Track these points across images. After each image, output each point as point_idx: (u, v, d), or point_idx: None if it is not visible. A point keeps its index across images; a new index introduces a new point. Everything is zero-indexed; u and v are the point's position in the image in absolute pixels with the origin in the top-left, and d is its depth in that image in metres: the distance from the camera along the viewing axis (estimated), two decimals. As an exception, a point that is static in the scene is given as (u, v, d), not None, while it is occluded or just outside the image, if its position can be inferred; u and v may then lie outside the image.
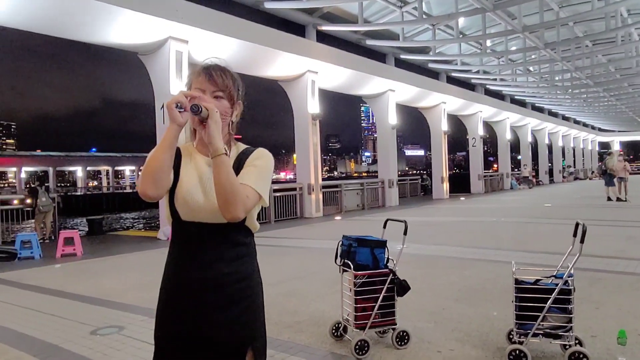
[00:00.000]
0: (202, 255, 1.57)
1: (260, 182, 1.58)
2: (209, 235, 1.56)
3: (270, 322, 4.42)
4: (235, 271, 1.59)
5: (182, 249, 1.59)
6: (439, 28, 17.12)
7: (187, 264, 1.58)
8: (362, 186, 18.79)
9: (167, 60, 11.29)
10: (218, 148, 1.48)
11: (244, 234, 1.63)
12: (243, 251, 1.63)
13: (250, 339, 1.61)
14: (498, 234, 10.31)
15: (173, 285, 1.60)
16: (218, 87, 1.62)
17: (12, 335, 4.37)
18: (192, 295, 1.56)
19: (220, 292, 1.56)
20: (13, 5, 9.25)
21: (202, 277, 1.56)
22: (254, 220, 1.65)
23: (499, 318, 4.31)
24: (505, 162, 30.80)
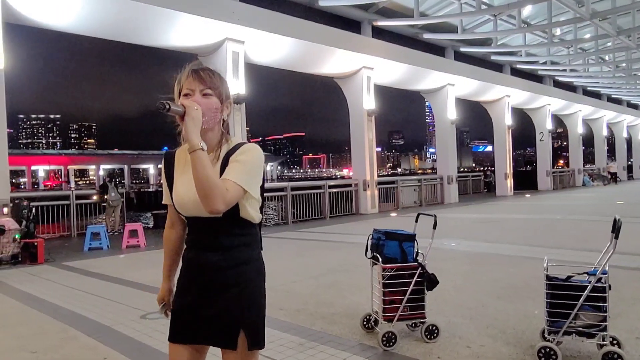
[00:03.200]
0: (202, 245, 1.72)
1: (243, 176, 1.63)
2: (206, 227, 1.69)
3: (305, 313, 4.58)
4: (230, 258, 1.69)
5: (190, 239, 1.78)
6: (500, 18, 16.52)
7: (191, 250, 1.76)
8: (419, 183, 18.52)
9: (225, 61, 11.73)
10: (194, 144, 1.53)
11: (240, 226, 1.71)
12: (239, 241, 1.71)
13: (241, 324, 1.69)
14: (558, 232, 9.84)
15: (183, 268, 1.79)
16: (206, 85, 1.68)
17: (72, 316, 4.79)
18: (192, 278, 1.74)
19: (214, 277, 1.69)
20: (84, 15, 10.01)
21: (200, 262, 1.71)
22: (249, 211, 1.70)
23: (539, 316, 4.16)
24: (577, 157, 29.12)
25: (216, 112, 1.70)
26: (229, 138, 1.77)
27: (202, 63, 1.75)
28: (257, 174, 1.70)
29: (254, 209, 1.73)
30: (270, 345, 3.76)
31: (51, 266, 7.84)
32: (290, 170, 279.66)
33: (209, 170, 1.54)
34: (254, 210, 1.73)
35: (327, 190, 14.81)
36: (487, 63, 20.60)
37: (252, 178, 1.67)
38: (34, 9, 9.54)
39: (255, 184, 1.69)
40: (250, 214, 1.71)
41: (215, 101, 1.70)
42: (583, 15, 14.33)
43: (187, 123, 1.56)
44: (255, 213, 1.74)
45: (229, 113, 1.78)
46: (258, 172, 1.70)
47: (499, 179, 22.87)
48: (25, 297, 5.74)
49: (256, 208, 1.75)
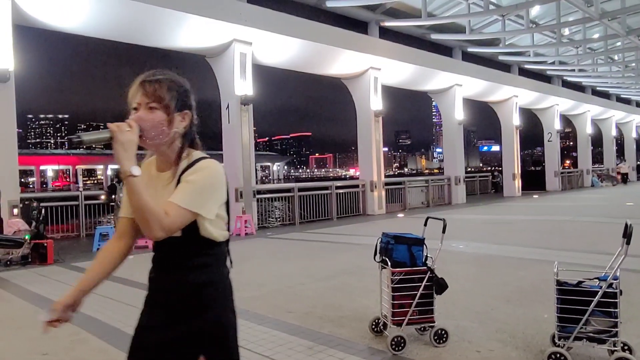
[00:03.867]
0: (161, 263, 1.66)
1: (191, 198, 1.54)
2: (166, 247, 1.61)
3: (314, 316, 4.58)
4: (191, 280, 1.61)
5: (153, 257, 1.70)
6: (508, 18, 16.44)
7: (153, 270, 1.70)
8: (426, 183, 18.47)
9: (232, 62, 11.76)
10: (124, 170, 1.45)
11: (202, 245, 1.62)
12: (201, 261, 1.62)
13: (200, 349, 1.61)
14: (567, 233, 9.78)
15: (148, 287, 1.71)
16: (150, 98, 1.57)
17: (83, 318, 4.81)
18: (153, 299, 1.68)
19: (174, 299, 1.61)
20: (92, 17, 10.08)
21: (160, 283, 1.66)
22: (210, 230, 1.61)
23: (549, 321, 4.13)
24: (586, 157, 28.91)
25: (162, 127, 1.58)
26: (190, 152, 1.66)
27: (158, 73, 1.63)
28: (210, 193, 1.59)
29: (216, 227, 1.64)
30: (279, 349, 3.77)
31: (60, 267, 7.90)
32: (297, 170, 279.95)
33: (142, 196, 1.46)
34: (217, 229, 1.64)
35: (334, 191, 14.81)
36: (495, 63, 20.51)
37: (203, 199, 1.56)
38: (43, 11, 9.62)
39: (209, 204, 1.58)
40: (212, 233, 1.62)
41: (161, 115, 1.57)
42: (592, 15, 14.23)
43: (116, 148, 1.46)
44: (219, 231, 1.65)
45: (187, 125, 1.65)
46: (212, 191, 1.60)
47: (506, 179, 22.77)
48: (36, 298, 5.79)
49: (220, 226, 1.66)
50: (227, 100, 12.16)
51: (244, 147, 11.98)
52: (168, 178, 1.63)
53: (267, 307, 4.97)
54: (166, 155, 1.64)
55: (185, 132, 1.65)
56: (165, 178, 1.64)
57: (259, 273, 6.92)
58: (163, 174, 1.66)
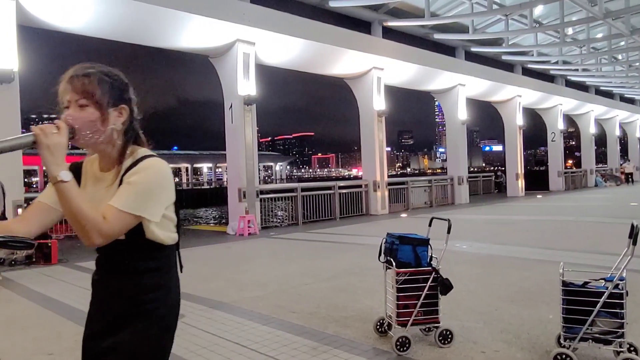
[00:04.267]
0: (105, 266, 1.58)
1: (130, 201, 1.43)
2: (110, 249, 1.50)
3: (318, 316, 4.58)
4: (135, 284, 1.51)
5: (97, 259, 1.62)
6: (512, 18, 16.39)
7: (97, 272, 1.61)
8: (429, 183, 18.45)
9: (235, 62, 11.76)
10: (52, 176, 1.34)
11: (148, 248, 1.52)
12: (146, 265, 1.53)
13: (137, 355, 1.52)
14: (570, 234, 9.76)
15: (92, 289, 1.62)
16: (80, 94, 1.46)
17: (87, 318, 4.84)
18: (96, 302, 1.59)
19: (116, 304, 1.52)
20: (96, 18, 10.09)
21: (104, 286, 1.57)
22: (157, 233, 1.51)
23: (554, 321, 4.13)
24: (589, 157, 28.82)
25: (95, 124, 1.47)
26: (135, 149, 1.55)
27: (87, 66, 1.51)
28: (155, 195, 1.48)
29: (164, 229, 1.53)
30: (284, 349, 3.77)
31: (65, 267, 7.92)
32: (300, 170, 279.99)
33: (75, 202, 1.35)
34: (165, 231, 1.54)
35: (337, 190, 14.80)
36: (498, 63, 20.46)
37: (146, 201, 1.45)
38: (47, 11, 9.64)
39: (154, 206, 1.47)
40: (159, 236, 1.52)
41: (92, 112, 1.46)
42: (596, 14, 14.18)
43: (42, 153, 1.35)
44: (167, 234, 1.54)
45: (125, 120, 1.54)
46: (157, 192, 1.49)
47: (510, 179, 22.72)
48: (40, 298, 5.81)
49: (168, 228, 1.55)
50: (230, 100, 12.16)
51: (247, 147, 11.98)
52: (111, 179, 1.52)
53: (271, 307, 4.97)
54: (107, 154, 1.53)
55: (125, 128, 1.54)
56: (109, 179, 1.53)
57: (262, 273, 6.93)
58: (107, 174, 1.55)
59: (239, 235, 11.35)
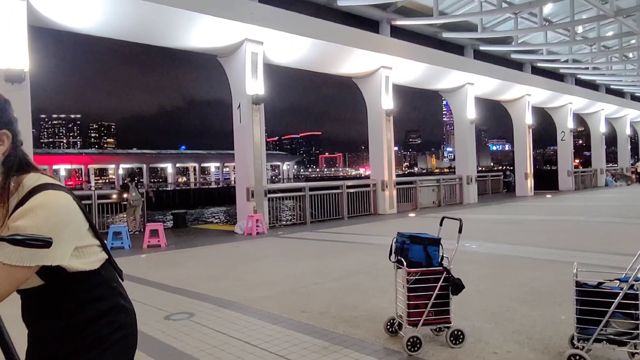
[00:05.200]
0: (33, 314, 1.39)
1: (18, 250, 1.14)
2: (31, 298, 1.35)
3: (328, 316, 4.57)
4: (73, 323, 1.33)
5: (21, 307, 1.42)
6: (521, 16, 16.27)
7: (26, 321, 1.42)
8: (438, 183, 18.37)
9: (243, 62, 11.77)
10: None
11: (75, 283, 1.32)
12: (79, 300, 1.33)
13: None
14: (581, 234, 9.67)
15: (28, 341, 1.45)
16: None
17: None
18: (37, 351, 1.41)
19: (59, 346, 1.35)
20: (106, 18, 10.15)
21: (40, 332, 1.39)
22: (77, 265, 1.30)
23: (567, 322, 4.09)
24: (599, 156, 28.56)
25: None
26: (20, 180, 1.29)
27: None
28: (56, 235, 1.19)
29: (86, 257, 1.33)
30: (294, 349, 3.76)
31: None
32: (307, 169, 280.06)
33: None
34: (88, 258, 1.33)
35: (345, 190, 14.78)
36: (508, 62, 20.32)
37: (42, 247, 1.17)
38: (57, 12, 9.70)
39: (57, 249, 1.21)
40: (82, 267, 1.31)
41: None
42: (607, 12, 14.04)
43: None
44: (91, 260, 1.34)
45: (7, 148, 1.29)
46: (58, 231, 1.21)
47: (519, 178, 22.56)
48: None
49: (93, 252, 1.35)
50: (238, 100, 12.18)
51: (255, 146, 11.99)
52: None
53: (280, 306, 4.96)
54: None
55: (6, 157, 1.28)
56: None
57: (271, 272, 6.93)
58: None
59: (247, 234, 11.37)
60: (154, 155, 65.13)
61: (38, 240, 1.10)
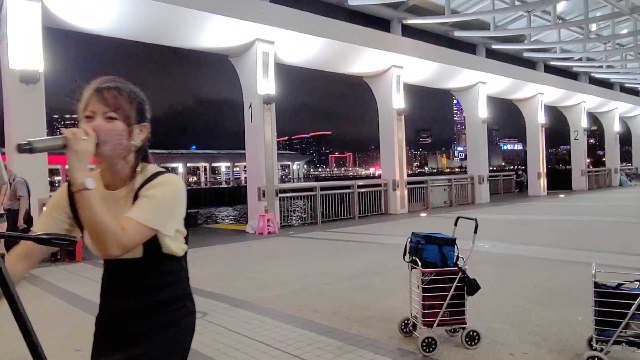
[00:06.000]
0: (119, 288, 1.54)
1: (149, 213, 1.42)
2: (124, 269, 1.51)
3: (341, 316, 4.55)
4: (155, 302, 1.50)
5: (104, 282, 1.59)
6: (534, 14, 16.12)
7: (108, 295, 1.57)
8: (449, 182, 18.27)
9: (255, 61, 11.80)
10: (76, 182, 1.33)
11: (164, 263, 1.53)
12: (165, 280, 1.53)
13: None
14: (596, 234, 9.56)
15: (100, 314, 1.58)
16: (110, 107, 1.46)
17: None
18: (110, 326, 1.54)
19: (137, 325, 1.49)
20: (119, 19, 10.22)
21: (119, 308, 1.52)
22: (172, 247, 1.51)
23: (583, 324, 4.04)
24: (614, 156, 28.21)
25: (121, 138, 1.47)
26: (145, 167, 1.55)
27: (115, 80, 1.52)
28: (171, 209, 1.48)
29: (177, 242, 1.54)
30: (308, 349, 3.76)
31: (88, 264, 8.04)
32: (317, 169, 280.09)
33: (97, 212, 1.33)
34: (178, 244, 1.55)
35: (356, 190, 14.75)
36: (520, 60, 20.15)
37: (164, 215, 1.45)
38: (71, 13, 9.79)
39: (170, 221, 1.47)
40: (174, 250, 1.53)
41: (120, 125, 1.46)
42: (622, 9, 13.86)
43: (70, 158, 1.34)
44: (180, 246, 1.55)
45: (144, 137, 1.55)
46: (173, 207, 1.49)
47: (531, 178, 22.37)
48: (66, 294, 5.90)
49: (180, 240, 1.56)
50: (249, 100, 12.21)
51: (266, 146, 12.01)
52: (123, 196, 1.51)
53: (293, 306, 4.96)
54: (118, 169, 1.50)
55: (142, 145, 1.54)
56: (120, 196, 1.51)
57: (283, 272, 6.93)
58: (115, 192, 1.52)
59: (258, 234, 11.39)
60: (165, 155, 65.47)
61: (62, 240, 1.14)
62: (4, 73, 9.02)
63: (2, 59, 9.02)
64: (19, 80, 8.74)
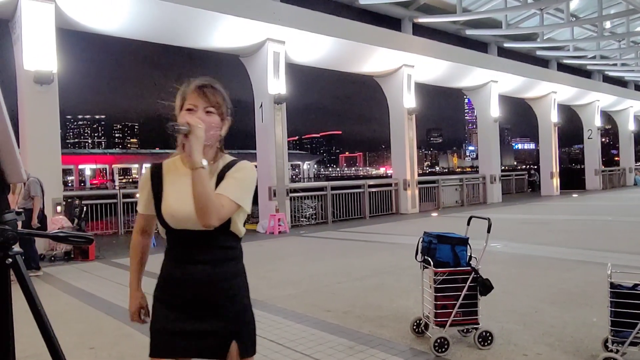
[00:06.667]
0: (191, 259, 1.71)
1: (238, 192, 1.68)
2: (197, 241, 1.70)
3: (353, 315, 4.54)
4: (221, 272, 1.72)
5: (174, 253, 1.75)
6: (547, 12, 15.97)
7: (179, 266, 1.73)
8: (461, 182, 18.17)
9: (265, 61, 11.83)
10: (196, 162, 1.57)
11: (230, 239, 1.75)
12: (229, 254, 1.75)
13: (233, 334, 1.72)
14: (610, 234, 9.44)
15: (167, 285, 1.75)
16: (210, 103, 1.71)
17: (126, 313, 4.90)
18: (180, 294, 1.71)
19: (205, 291, 1.70)
20: (131, 20, 10.31)
21: (191, 277, 1.70)
22: (238, 226, 1.75)
23: (599, 325, 3.99)
24: (628, 155, 27.86)
25: (217, 130, 1.74)
26: (222, 154, 1.80)
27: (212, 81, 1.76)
28: (251, 190, 1.75)
29: (242, 223, 1.78)
30: (319, 348, 3.75)
31: (101, 263, 8.11)
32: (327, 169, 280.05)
33: (208, 187, 1.59)
34: (242, 225, 1.78)
35: (367, 189, 14.73)
36: (533, 58, 19.97)
37: (246, 195, 1.72)
38: (84, 14, 9.89)
39: (249, 199, 1.74)
40: (239, 229, 1.76)
41: (217, 119, 1.73)
42: (637, 6, 13.68)
43: (192, 141, 1.58)
44: (242, 227, 1.79)
45: (226, 129, 1.81)
46: (252, 189, 1.76)
47: (544, 178, 22.16)
48: (80, 293, 5.96)
49: (242, 222, 1.78)
50: (260, 99, 12.24)
51: (277, 145, 12.03)
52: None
53: (305, 305, 4.96)
54: (207, 154, 1.69)
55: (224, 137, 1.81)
56: None
57: (294, 272, 6.94)
58: None
59: (269, 233, 11.42)
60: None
61: (79, 238, 1.17)
62: (18, 74, 9.15)
63: (17, 60, 9.15)
64: (33, 81, 8.86)
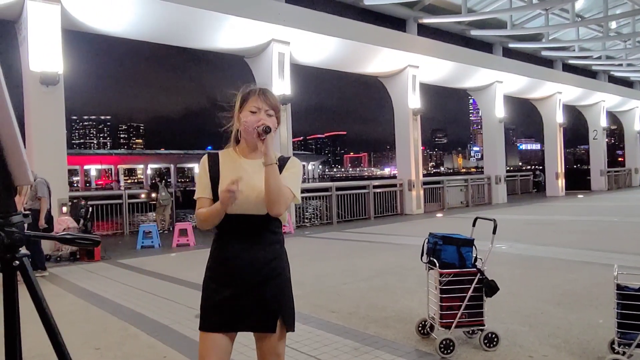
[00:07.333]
0: (244, 240, 1.93)
1: (295, 185, 1.95)
2: (250, 225, 1.92)
3: (358, 316, 4.54)
4: (270, 253, 1.94)
5: (228, 236, 1.95)
6: (552, 13, 15.91)
7: (233, 247, 1.94)
8: (466, 182, 18.12)
9: (270, 62, 11.84)
10: (271, 158, 1.82)
11: (276, 224, 1.99)
12: (275, 238, 1.98)
13: (279, 310, 1.93)
14: (616, 235, 9.39)
15: (219, 265, 1.96)
16: (270, 106, 1.96)
17: (131, 314, 4.94)
18: (233, 273, 1.92)
19: (256, 271, 1.91)
20: (136, 21, 10.35)
21: (243, 257, 1.91)
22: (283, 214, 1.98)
23: (605, 326, 3.97)
24: (634, 155, 27.70)
25: (275, 129, 1.96)
26: None
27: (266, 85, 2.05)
28: (300, 184, 2.03)
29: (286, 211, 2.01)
30: (325, 349, 3.75)
31: (107, 263, 8.14)
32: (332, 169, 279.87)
33: (280, 181, 1.84)
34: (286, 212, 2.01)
35: (372, 190, 14.72)
36: (538, 59, 19.90)
37: (299, 187, 2.00)
38: (90, 15, 9.94)
39: (299, 191, 2.01)
40: (284, 216, 2.00)
41: (275, 120, 1.97)
42: (643, 6, 13.61)
43: (268, 140, 1.83)
44: (286, 215, 2.04)
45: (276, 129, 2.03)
46: (301, 182, 2.05)
47: (549, 178, 22.08)
48: (86, 293, 5.98)
49: None
50: (265, 100, 12.24)
51: (282, 146, 12.04)
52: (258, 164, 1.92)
53: (310, 306, 4.96)
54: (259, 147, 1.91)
55: None
56: (256, 164, 1.94)
57: (299, 272, 6.92)
58: (253, 161, 1.97)
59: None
60: (182, 155, 66.12)
61: (86, 240, 1.20)
62: (24, 75, 9.20)
63: (23, 61, 9.19)
64: (39, 82, 8.90)
